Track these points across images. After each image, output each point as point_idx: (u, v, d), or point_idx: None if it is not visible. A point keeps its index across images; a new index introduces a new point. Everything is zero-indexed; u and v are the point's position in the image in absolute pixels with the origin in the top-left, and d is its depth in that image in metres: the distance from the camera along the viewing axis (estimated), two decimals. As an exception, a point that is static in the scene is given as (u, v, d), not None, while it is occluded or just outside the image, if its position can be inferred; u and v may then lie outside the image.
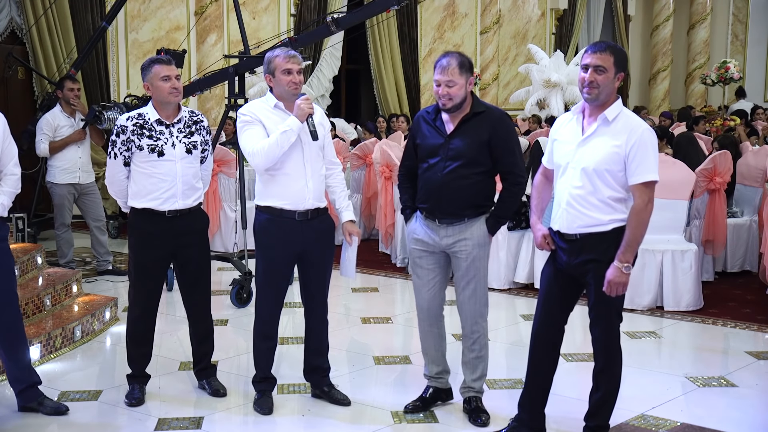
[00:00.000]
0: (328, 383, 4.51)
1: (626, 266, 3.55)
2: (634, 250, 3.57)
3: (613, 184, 3.58)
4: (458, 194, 4.06)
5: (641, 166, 3.53)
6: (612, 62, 3.55)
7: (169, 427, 4.17)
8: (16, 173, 4.26)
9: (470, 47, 16.10)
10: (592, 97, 3.58)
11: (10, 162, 4.23)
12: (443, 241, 4.15)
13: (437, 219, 4.13)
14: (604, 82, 3.55)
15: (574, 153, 3.65)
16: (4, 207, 4.17)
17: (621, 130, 3.56)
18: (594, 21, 19.14)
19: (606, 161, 3.56)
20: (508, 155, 4.09)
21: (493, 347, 5.55)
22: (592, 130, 3.62)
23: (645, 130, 3.56)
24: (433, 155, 4.10)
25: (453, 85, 3.98)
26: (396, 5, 6.49)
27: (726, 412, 4.41)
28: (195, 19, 11.45)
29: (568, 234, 3.68)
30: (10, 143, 4.24)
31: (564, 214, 3.68)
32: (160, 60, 4.38)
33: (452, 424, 4.23)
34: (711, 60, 19.49)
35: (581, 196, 3.62)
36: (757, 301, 6.63)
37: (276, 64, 4.18)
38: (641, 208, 3.54)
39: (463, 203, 4.08)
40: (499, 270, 7.02)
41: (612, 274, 3.56)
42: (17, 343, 4.28)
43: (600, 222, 3.61)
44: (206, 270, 4.60)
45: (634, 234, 3.55)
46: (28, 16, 9.48)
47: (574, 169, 3.65)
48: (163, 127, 4.37)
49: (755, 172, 7.60)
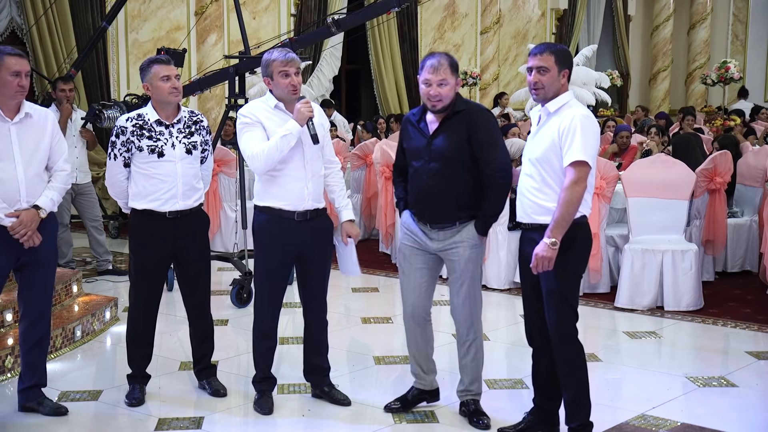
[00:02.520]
0: (328, 383, 4.51)
1: (553, 242, 3.62)
2: (563, 228, 3.64)
3: (556, 171, 3.71)
4: (445, 197, 3.98)
5: (570, 148, 3.64)
6: (553, 61, 3.70)
7: (170, 427, 4.17)
8: (66, 169, 4.30)
9: (470, 47, 16.10)
10: (539, 97, 3.76)
11: (60, 158, 4.27)
12: (434, 244, 4.09)
13: (428, 223, 4.07)
14: (549, 82, 3.71)
15: (527, 146, 3.87)
16: (53, 202, 4.22)
17: (560, 118, 3.71)
18: (594, 21, 19.14)
19: (547, 150, 3.71)
20: (489, 148, 3.97)
21: (493, 347, 5.56)
22: (539, 124, 3.81)
23: (577, 115, 3.68)
24: (417, 158, 4.05)
25: (445, 84, 3.96)
26: (396, 7, 6.49)
27: (726, 412, 4.40)
28: (195, 19, 11.45)
29: (523, 224, 3.85)
30: (60, 139, 4.30)
31: (519, 204, 3.85)
32: (160, 60, 4.38)
33: (452, 424, 4.22)
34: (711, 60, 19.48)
35: (531, 186, 3.78)
36: (757, 301, 6.63)
37: (273, 67, 4.17)
38: (569, 186, 3.63)
39: (452, 206, 4.00)
40: (499, 270, 7.01)
41: (539, 248, 3.65)
42: (43, 340, 4.32)
43: (548, 211, 3.71)
44: (206, 270, 4.60)
45: (561, 211, 3.62)
46: (29, 16, 9.48)
47: (526, 162, 3.84)
48: (163, 127, 4.37)
49: (755, 172, 7.59)
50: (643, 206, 6.54)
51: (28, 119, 4.14)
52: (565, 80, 3.75)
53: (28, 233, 4.07)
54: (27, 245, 4.10)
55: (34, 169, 4.16)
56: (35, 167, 4.16)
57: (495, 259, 7.00)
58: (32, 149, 4.14)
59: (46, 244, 4.20)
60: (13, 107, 4.10)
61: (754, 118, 14.00)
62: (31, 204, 4.12)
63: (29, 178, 4.13)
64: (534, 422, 4.01)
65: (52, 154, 4.24)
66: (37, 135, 4.17)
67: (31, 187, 4.14)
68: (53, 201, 4.22)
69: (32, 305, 4.26)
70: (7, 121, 4.08)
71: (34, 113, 4.18)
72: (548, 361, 3.93)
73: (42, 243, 4.16)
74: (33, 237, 4.10)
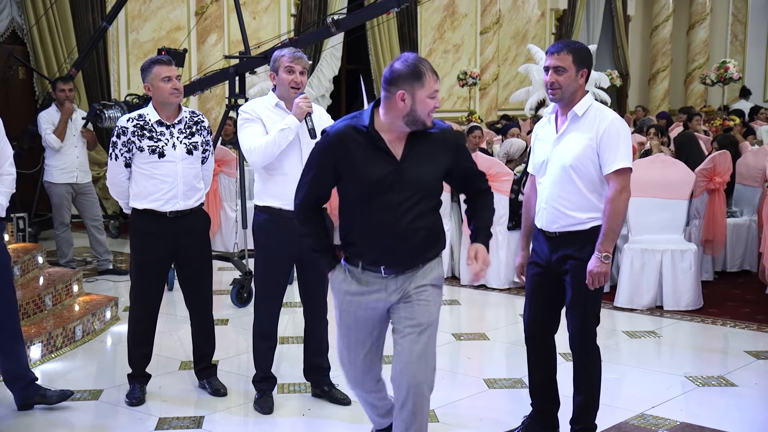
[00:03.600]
0: (328, 383, 4.52)
1: (605, 255, 3.55)
2: (612, 240, 3.58)
3: (591, 178, 3.62)
4: (417, 239, 3.22)
5: (612, 155, 3.55)
6: (571, 61, 3.59)
7: (170, 426, 4.18)
8: (12, 173, 4.27)
9: (470, 47, 16.10)
10: (556, 98, 3.64)
11: (6, 162, 4.24)
12: (392, 296, 3.29)
13: (383, 270, 3.26)
14: (566, 82, 3.59)
15: (551, 151, 3.70)
16: (1, 207, 4.19)
17: (591, 123, 3.61)
18: (594, 21, 19.13)
19: (581, 156, 3.60)
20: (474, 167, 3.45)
21: (493, 347, 5.58)
22: (565, 127, 3.67)
23: (614, 119, 3.61)
24: (378, 189, 3.18)
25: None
26: (396, 7, 6.50)
27: (725, 412, 4.41)
28: (195, 19, 11.46)
29: (548, 231, 3.72)
30: (5, 144, 4.26)
31: (544, 212, 3.72)
32: (161, 61, 4.39)
33: (452, 424, 4.23)
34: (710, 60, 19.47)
35: (560, 193, 3.65)
36: (756, 301, 6.64)
37: (280, 62, 4.21)
38: (615, 195, 3.55)
39: (424, 249, 3.27)
40: (499, 270, 7.02)
41: (592, 264, 3.57)
42: (15, 340, 4.29)
43: (579, 221, 3.64)
44: (207, 270, 4.61)
45: (609, 223, 3.55)
46: (29, 17, 9.49)
47: (552, 167, 3.69)
48: (164, 128, 4.38)
49: (755, 172, 7.60)
50: (642, 206, 6.55)
51: None
52: (584, 80, 3.62)
53: None
54: None
55: None
56: None
57: (495, 259, 7.01)
58: None
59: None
60: None
61: (753, 118, 14.01)
62: None
63: None
64: (533, 426, 4.00)
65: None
66: None
67: None
68: (1, 206, 4.18)
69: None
70: None
71: None
72: (545, 362, 3.93)
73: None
74: None
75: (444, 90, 15.41)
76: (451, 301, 6.73)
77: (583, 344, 3.78)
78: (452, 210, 7.39)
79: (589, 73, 3.65)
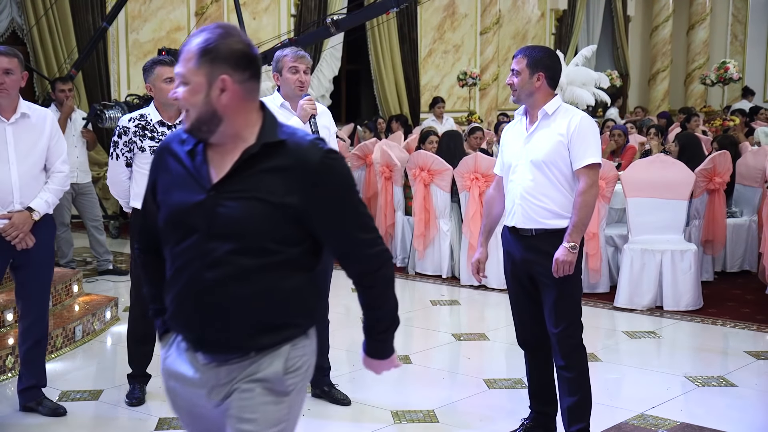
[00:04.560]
0: (328, 383, 4.52)
1: (573, 246, 3.65)
2: (580, 232, 3.68)
3: (562, 174, 3.72)
4: (234, 308, 2.13)
5: (582, 150, 3.67)
6: (525, 64, 3.72)
7: (170, 426, 4.18)
8: (63, 170, 4.27)
9: (470, 48, 16.11)
10: (515, 98, 3.81)
11: (58, 159, 4.25)
12: (213, 395, 2.20)
13: (201, 352, 2.20)
14: (521, 84, 3.73)
15: (522, 149, 3.78)
16: (48, 204, 4.20)
17: (561, 120, 3.73)
18: (594, 21, 19.14)
19: (552, 152, 3.70)
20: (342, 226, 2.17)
21: (493, 347, 5.58)
22: (535, 126, 3.77)
23: (583, 117, 3.74)
24: (182, 229, 2.16)
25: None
26: (395, 7, 6.51)
27: (725, 412, 4.41)
28: (195, 19, 11.46)
29: (523, 229, 3.77)
30: (59, 140, 4.26)
31: (519, 209, 3.77)
32: (163, 61, 4.40)
33: (452, 424, 4.23)
34: (710, 60, 19.47)
35: (534, 189, 3.73)
36: (756, 301, 6.64)
37: (284, 63, 4.22)
38: (586, 189, 3.66)
39: (247, 324, 2.15)
40: (499, 270, 7.01)
41: (561, 253, 3.66)
42: (41, 341, 4.32)
43: (555, 215, 3.71)
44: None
45: (580, 215, 3.66)
46: (29, 17, 9.49)
47: (524, 165, 3.76)
48: (165, 128, 4.38)
49: (755, 172, 7.60)
50: (642, 206, 6.55)
51: (25, 119, 4.13)
52: (541, 83, 3.72)
53: (20, 235, 4.05)
54: (19, 247, 4.08)
55: (30, 171, 4.14)
56: (30, 168, 4.14)
57: (495, 259, 7.01)
58: (28, 150, 4.12)
59: (41, 245, 4.17)
60: (9, 107, 4.08)
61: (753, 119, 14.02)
62: (25, 206, 4.11)
63: (23, 179, 4.11)
64: (532, 428, 4.00)
65: (49, 155, 4.22)
66: (34, 136, 4.15)
67: (26, 189, 4.12)
68: (48, 203, 4.19)
69: (28, 306, 4.25)
70: (3, 122, 4.08)
71: (33, 114, 4.17)
72: (543, 365, 3.94)
73: (36, 244, 4.13)
74: (25, 239, 4.08)
75: (444, 90, 15.41)
76: (451, 301, 6.73)
77: (567, 343, 3.76)
78: (452, 210, 7.40)
79: (550, 76, 3.73)
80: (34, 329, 4.27)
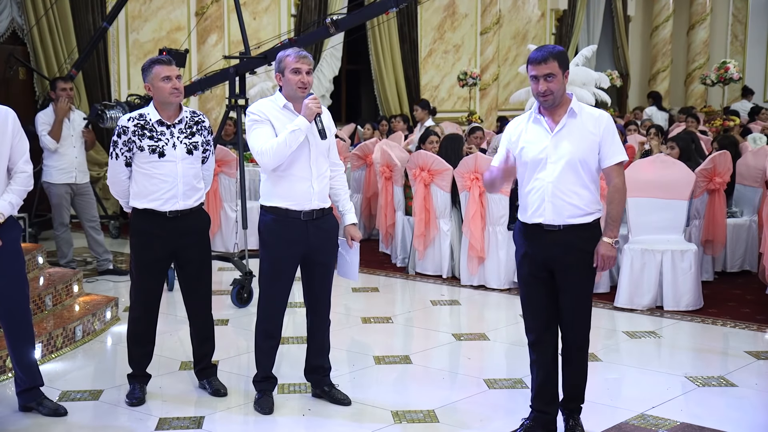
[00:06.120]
0: (328, 383, 4.52)
1: (616, 240, 3.77)
2: (618, 226, 3.80)
3: (591, 171, 3.79)
4: None
5: (614, 148, 3.77)
6: (557, 66, 3.73)
7: (170, 426, 4.18)
8: (26, 170, 4.20)
9: (470, 47, 16.10)
10: (549, 103, 3.78)
11: (21, 159, 4.17)
12: None
13: None
14: (557, 87, 3.75)
15: (552, 147, 3.78)
16: (12, 206, 4.14)
17: (588, 119, 3.79)
18: (594, 21, 19.14)
19: (588, 150, 3.76)
20: None
21: (493, 347, 5.58)
22: (562, 125, 3.78)
23: (609, 116, 3.83)
24: None
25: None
26: (394, 7, 6.51)
27: (725, 412, 4.41)
28: (196, 19, 11.46)
29: (551, 225, 3.79)
30: (21, 139, 4.17)
31: (549, 206, 3.78)
32: (161, 60, 4.40)
33: (452, 424, 4.23)
34: (711, 60, 19.47)
35: (566, 187, 3.76)
36: (756, 301, 6.64)
37: (286, 63, 4.21)
38: (620, 186, 3.80)
39: None
40: (499, 270, 7.03)
41: (604, 248, 3.76)
42: (26, 344, 4.29)
43: (585, 212, 3.78)
44: (207, 270, 4.61)
45: (617, 210, 3.79)
46: (29, 17, 9.49)
47: (554, 163, 3.77)
48: (164, 127, 4.38)
49: (755, 172, 7.61)
50: (642, 206, 6.55)
51: None
52: (567, 80, 3.80)
53: None
54: None
55: None
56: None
57: (495, 259, 7.02)
58: None
59: (6, 249, 4.09)
60: None
61: (753, 118, 14.01)
62: None
63: None
64: (532, 428, 3.99)
65: (12, 155, 4.12)
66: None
67: None
68: (12, 204, 4.12)
69: (4, 312, 4.20)
70: None
71: None
72: (551, 363, 3.94)
73: (2, 248, 4.06)
74: None
75: (444, 90, 15.42)
76: (451, 302, 6.73)
77: (584, 340, 3.91)
78: (452, 210, 7.40)
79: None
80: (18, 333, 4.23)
